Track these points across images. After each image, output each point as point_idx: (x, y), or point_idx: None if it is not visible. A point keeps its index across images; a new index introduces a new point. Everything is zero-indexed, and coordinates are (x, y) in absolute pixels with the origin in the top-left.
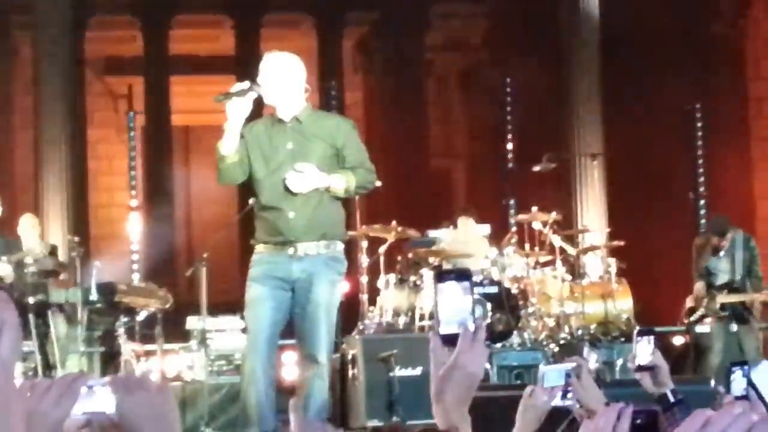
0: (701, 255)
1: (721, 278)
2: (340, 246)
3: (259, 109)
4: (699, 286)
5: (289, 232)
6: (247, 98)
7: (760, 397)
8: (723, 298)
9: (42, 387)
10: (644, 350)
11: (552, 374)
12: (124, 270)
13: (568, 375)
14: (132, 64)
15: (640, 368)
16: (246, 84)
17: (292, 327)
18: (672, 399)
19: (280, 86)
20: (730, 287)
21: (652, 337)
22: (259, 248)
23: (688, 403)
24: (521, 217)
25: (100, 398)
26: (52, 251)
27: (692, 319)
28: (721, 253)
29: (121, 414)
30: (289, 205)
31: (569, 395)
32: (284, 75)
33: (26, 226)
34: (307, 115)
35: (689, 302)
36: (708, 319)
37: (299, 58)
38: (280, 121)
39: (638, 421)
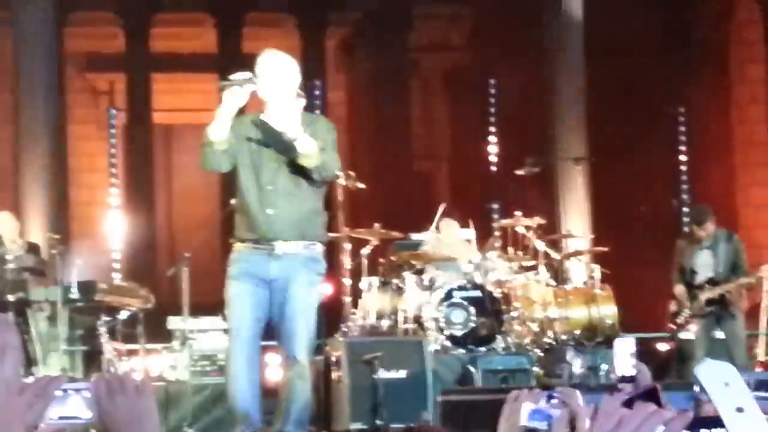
0: (682, 255)
1: (703, 273)
2: (320, 247)
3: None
4: (679, 288)
5: (269, 229)
6: (245, 89)
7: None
8: (705, 293)
9: (14, 389)
10: (625, 361)
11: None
12: (105, 268)
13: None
14: (114, 61)
15: (623, 379)
16: (248, 74)
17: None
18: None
19: (275, 84)
20: (712, 282)
21: (633, 348)
22: (238, 246)
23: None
24: (504, 221)
25: (75, 403)
26: (32, 249)
27: (678, 321)
28: (704, 246)
29: (101, 417)
30: (269, 202)
31: (541, 415)
32: (281, 74)
33: (3, 224)
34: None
35: (672, 306)
36: (692, 326)
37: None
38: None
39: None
